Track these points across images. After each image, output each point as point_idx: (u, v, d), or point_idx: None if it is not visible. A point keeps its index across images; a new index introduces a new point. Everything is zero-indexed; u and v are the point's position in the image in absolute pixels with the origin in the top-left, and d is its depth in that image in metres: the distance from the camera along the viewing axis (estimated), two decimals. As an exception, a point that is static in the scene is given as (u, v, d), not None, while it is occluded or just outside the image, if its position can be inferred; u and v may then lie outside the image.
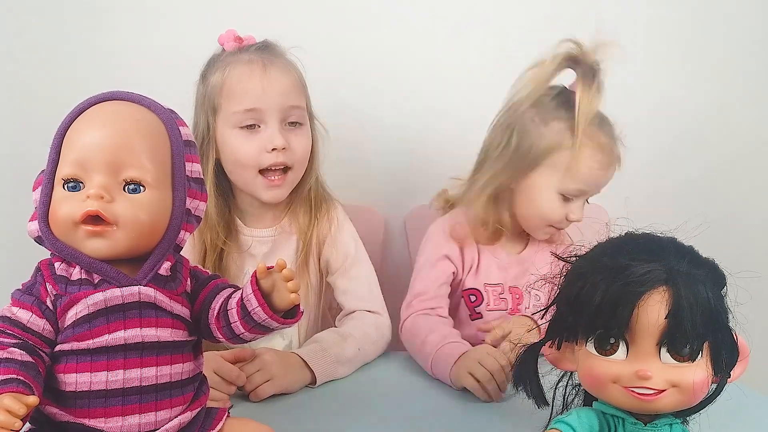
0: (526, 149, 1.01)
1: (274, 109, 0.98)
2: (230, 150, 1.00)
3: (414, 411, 0.87)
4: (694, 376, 0.57)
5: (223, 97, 0.99)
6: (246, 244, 1.06)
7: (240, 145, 0.99)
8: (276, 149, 0.98)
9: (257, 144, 0.98)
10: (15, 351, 0.57)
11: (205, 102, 1.01)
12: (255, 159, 0.98)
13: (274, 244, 1.06)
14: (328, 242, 1.08)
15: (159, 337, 0.62)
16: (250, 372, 0.88)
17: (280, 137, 0.98)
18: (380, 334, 1.04)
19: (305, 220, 1.07)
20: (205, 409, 0.68)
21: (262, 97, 0.97)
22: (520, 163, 1.02)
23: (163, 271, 0.64)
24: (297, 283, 0.64)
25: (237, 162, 1.00)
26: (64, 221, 0.61)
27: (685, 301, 0.56)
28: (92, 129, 0.63)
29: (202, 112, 1.02)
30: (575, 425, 0.60)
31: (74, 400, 0.60)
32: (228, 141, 0.99)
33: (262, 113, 0.98)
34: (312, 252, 1.07)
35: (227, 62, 1.00)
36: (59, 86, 1.24)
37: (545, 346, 0.66)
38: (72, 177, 0.62)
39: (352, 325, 1.03)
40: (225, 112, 0.99)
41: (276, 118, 0.99)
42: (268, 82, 0.98)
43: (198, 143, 0.98)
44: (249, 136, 0.99)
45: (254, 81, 0.98)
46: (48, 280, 0.61)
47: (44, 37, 1.26)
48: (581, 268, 0.62)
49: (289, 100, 1.00)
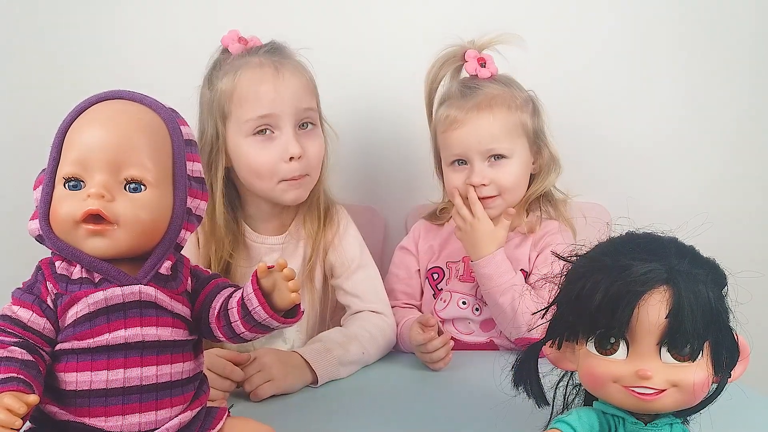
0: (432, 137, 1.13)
1: (288, 114, 0.96)
2: (245, 160, 0.96)
3: (414, 411, 0.87)
4: (695, 375, 0.57)
5: (234, 104, 0.95)
6: (255, 251, 1.04)
7: (256, 155, 0.96)
8: (293, 158, 0.96)
9: (273, 153, 0.96)
10: (15, 350, 0.57)
11: (213, 108, 0.97)
12: (272, 169, 0.96)
13: (283, 252, 1.05)
14: (334, 246, 1.07)
15: (159, 336, 0.62)
16: (250, 373, 0.88)
17: (296, 144, 0.96)
18: (384, 337, 1.03)
19: (313, 226, 1.05)
20: (205, 409, 0.68)
21: (275, 101, 0.95)
22: (436, 153, 1.13)
23: (164, 270, 0.64)
24: (297, 283, 0.64)
25: (253, 172, 0.97)
26: (64, 220, 0.61)
27: (685, 300, 0.56)
28: (93, 128, 0.63)
29: (210, 119, 0.98)
30: (575, 425, 0.60)
31: (74, 399, 0.60)
32: (242, 150, 0.96)
33: (276, 118, 0.96)
34: (319, 257, 1.06)
35: (236, 66, 0.97)
36: (60, 85, 1.24)
37: (546, 345, 0.65)
38: (73, 176, 0.62)
39: (359, 326, 1.02)
40: (237, 119, 0.95)
41: (290, 123, 0.96)
42: (280, 86, 0.95)
43: (206, 151, 0.97)
44: (264, 144, 0.96)
45: (266, 85, 0.95)
46: (49, 278, 0.61)
47: (45, 36, 1.27)
48: (582, 268, 0.61)
49: (302, 102, 0.98)
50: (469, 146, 1.04)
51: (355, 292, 1.06)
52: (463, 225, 1.04)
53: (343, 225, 1.08)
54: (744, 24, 1.39)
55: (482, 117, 1.03)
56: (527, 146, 1.06)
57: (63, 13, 1.26)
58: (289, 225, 1.07)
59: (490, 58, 1.09)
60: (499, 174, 1.04)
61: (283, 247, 1.05)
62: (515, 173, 1.04)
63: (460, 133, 1.04)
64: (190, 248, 0.98)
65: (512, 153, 1.04)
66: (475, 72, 1.07)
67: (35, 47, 1.27)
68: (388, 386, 0.96)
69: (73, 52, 1.27)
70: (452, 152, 1.06)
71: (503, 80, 1.08)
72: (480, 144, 1.03)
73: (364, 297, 1.06)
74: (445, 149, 1.08)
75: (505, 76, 1.09)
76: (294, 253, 1.06)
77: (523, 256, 1.08)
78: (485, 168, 1.04)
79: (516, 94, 1.06)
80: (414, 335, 0.98)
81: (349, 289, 1.06)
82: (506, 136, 1.03)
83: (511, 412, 0.85)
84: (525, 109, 1.06)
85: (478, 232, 1.03)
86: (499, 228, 1.04)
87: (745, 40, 1.40)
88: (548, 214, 1.12)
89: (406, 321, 1.07)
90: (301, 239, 1.06)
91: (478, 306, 1.09)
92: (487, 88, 1.05)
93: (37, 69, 1.27)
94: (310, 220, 1.05)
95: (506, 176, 1.04)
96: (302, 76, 0.99)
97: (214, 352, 0.87)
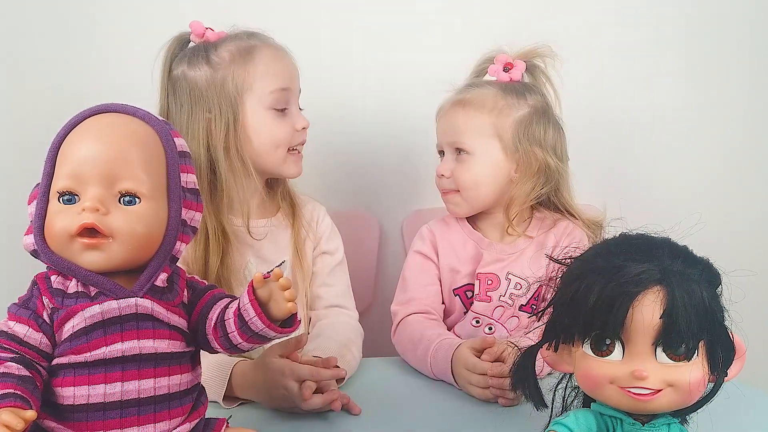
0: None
1: (295, 91, 1.04)
2: (268, 130, 1.00)
3: (412, 415, 0.87)
4: (690, 375, 0.58)
5: (259, 77, 0.99)
6: (244, 235, 1.03)
7: (279, 125, 1.01)
8: (304, 128, 1.04)
9: (289, 124, 1.02)
10: (12, 365, 0.57)
11: (226, 86, 0.98)
12: (288, 138, 1.02)
13: (270, 233, 1.06)
14: (324, 239, 1.10)
15: (156, 348, 0.62)
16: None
17: (304, 118, 1.04)
18: (359, 333, 1.06)
19: (290, 211, 1.09)
20: (204, 420, 0.68)
21: (289, 76, 1.03)
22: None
23: (160, 283, 0.64)
24: (293, 292, 0.64)
25: (274, 142, 1.01)
26: (59, 234, 0.61)
27: (679, 300, 0.56)
28: (86, 141, 0.63)
29: (223, 98, 0.98)
30: (573, 427, 0.60)
31: (72, 414, 0.60)
32: (265, 121, 1.00)
33: (290, 93, 1.02)
34: (306, 243, 1.08)
35: (244, 46, 1.00)
36: (55, 98, 1.24)
37: (542, 348, 0.66)
38: (67, 190, 0.62)
39: (341, 334, 1.01)
40: (260, 92, 0.99)
41: (296, 100, 1.04)
42: (292, 65, 1.04)
43: (221, 134, 0.98)
44: (281, 117, 1.01)
45: (285, 61, 1.02)
46: (44, 293, 0.61)
47: (40, 51, 1.27)
48: (576, 270, 0.62)
49: (299, 84, 1.05)
50: (442, 137, 1.10)
51: (332, 284, 1.09)
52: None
53: (329, 221, 1.12)
54: (740, 26, 1.40)
55: (457, 112, 1.07)
56: (499, 149, 1.05)
57: (58, 29, 1.26)
58: (276, 212, 1.08)
59: (521, 65, 1.10)
60: (459, 169, 1.06)
61: (270, 230, 1.06)
62: (476, 172, 1.05)
63: (440, 124, 1.10)
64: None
65: (475, 151, 1.05)
66: (495, 74, 1.10)
67: (31, 61, 1.27)
68: (387, 390, 0.96)
69: (68, 67, 1.27)
70: (437, 141, 1.12)
71: (508, 86, 1.08)
72: (446, 135, 1.08)
73: (336, 292, 1.09)
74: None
75: (518, 84, 1.09)
76: (282, 235, 1.07)
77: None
78: (451, 160, 1.07)
79: (506, 100, 1.06)
80: (479, 364, 0.90)
81: (329, 281, 1.09)
82: (471, 133, 1.05)
83: (511, 414, 0.85)
84: (507, 113, 1.05)
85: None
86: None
87: (742, 42, 1.41)
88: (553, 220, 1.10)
89: (441, 342, 0.98)
90: (287, 227, 1.08)
91: (491, 326, 1.07)
92: (480, 88, 1.08)
93: (32, 82, 1.27)
94: (287, 206, 1.09)
95: (465, 173, 1.05)
96: (295, 60, 1.05)
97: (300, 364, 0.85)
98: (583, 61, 1.35)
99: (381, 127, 1.35)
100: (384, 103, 1.34)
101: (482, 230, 1.11)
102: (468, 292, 1.09)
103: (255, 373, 0.86)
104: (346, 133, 1.34)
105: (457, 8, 1.35)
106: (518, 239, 1.08)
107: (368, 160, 1.36)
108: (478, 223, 1.12)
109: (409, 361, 1.03)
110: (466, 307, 1.09)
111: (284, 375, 0.83)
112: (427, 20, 1.34)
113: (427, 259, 1.11)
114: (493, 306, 1.07)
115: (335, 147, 1.31)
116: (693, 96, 1.42)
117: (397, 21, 1.33)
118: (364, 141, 1.36)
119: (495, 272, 1.07)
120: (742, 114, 1.44)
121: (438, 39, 1.34)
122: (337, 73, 1.27)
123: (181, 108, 1.00)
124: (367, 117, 1.35)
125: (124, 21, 1.28)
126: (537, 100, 1.08)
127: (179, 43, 1.04)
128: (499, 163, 1.06)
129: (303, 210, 1.10)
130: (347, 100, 1.30)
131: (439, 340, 0.98)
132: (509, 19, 1.35)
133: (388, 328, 1.10)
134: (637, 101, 1.40)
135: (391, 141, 1.36)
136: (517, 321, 1.07)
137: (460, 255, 1.10)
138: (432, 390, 0.95)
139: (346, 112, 1.32)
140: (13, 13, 1.26)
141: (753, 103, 1.44)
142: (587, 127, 1.35)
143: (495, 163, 1.06)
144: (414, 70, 1.33)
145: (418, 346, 1.00)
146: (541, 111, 1.08)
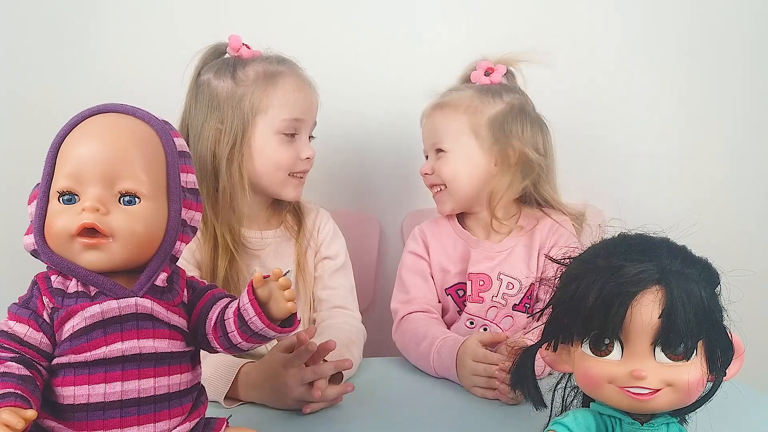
0: None
1: (309, 122, 1.08)
2: (272, 152, 1.03)
3: (413, 414, 0.87)
4: (689, 375, 0.58)
5: (275, 103, 1.03)
6: (251, 246, 1.07)
7: (284, 150, 1.04)
8: (309, 158, 1.07)
9: (294, 150, 1.05)
10: (12, 365, 0.57)
11: (243, 102, 1.02)
12: (291, 164, 1.05)
13: (276, 245, 1.08)
14: (324, 244, 1.11)
15: (156, 348, 0.62)
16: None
17: (311, 148, 1.08)
18: (361, 334, 1.07)
19: (295, 222, 1.12)
20: (204, 420, 0.68)
21: (308, 109, 1.06)
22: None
23: (160, 282, 0.64)
24: (293, 292, 0.64)
25: (276, 164, 1.04)
26: (59, 234, 0.61)
27: (678, 300, 0.56)
28: (86, 141, 0.63)
29: (236, 112, 1.02)
30: (572, 426, 0.60)
31: (72, 413, 0.60)
32: (271, 142, 1.03)
33: (302, 123, 1.06)
34: (308, 253, 1.10)
35: (272, 70, 1.04)
36: (55, 99, 1.24)
37: (542, 348, 0.66)
38: (67, 190, 0.62)
39: (344, 334, 1.02)
40: (273, 116, 1.03)
41: (307, 131, 1.08)
42: (312, 98, 1.07)
43: (227, 147, 1.01)
44: (288, 142, 1.05)
45: (304, 93, 1.06)
46: (44, 293, 0.61)
47: (39, 51, 1.27)
48: (575, 270, 0.62)
49: (315, 116, 1.09)
50: (425, 141, 1.15)
51: (335, 287, 1.10)
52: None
53: (331, 226, 1.14)
54: (740, 27, 1.41)
55: (436, 115, 1.12)
56: (475, 145, 1.08)
57: (57, 29, 1.27)
58: (279, 225, 1.11)
59: (501, 69, 1.13)
60: (438, 164, 1.10)
61: (276, 242, 1.09)
62: (454, 168, 1.09)
63: (423, 129, 1.16)
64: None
65: (453, 149, 1.09)
66: (477, 80, 1.13)
67: (30, 62, 1.27)
68: (388, 390, 0.96)
69: (68, 66, 1.27)
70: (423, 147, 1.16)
71: (485, 87, 1.11)
72: (428, 138, 1.14)
73: (340, 294, 1.10)
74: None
75: (496, 85, 1.11)
76: (286, 247, 1.09)
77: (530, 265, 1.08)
78: (433, 160, 1.12)
79: (482, 99, 1.08)
80: (489, 355, 0.91)
81: (332, 283, 1.10)
82: (449, 133, 1.09)
83: (511, 414, 0.85)
84: (482, 111, 1.08)
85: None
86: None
87: (742, 43, 1.41)
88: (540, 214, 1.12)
89: (446, 339, 0.99)
90: (291, 238, 1.10)
91: (486, 327, 1.08)
92: (458, 91, 1.12)
93: (32, 83, 1.27)
94: (291, 217, 1.12)
95: (444, 167, 1.10)
96: (317, 94, 1.09)
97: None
98: (584, 61, 1.35)
99: (381, 128, 1.36)
100: (384, 103, 1.35)
101: (470, 229, 1.14)
102: (459, 291, 1.11)
103: (261, 374, 0.88)
104: (346, 134, 1.34)
105: (459, 13, 1.35)
106: (505, 238, 1.10)
107: (368, 160, 1.37)
108: (467, 222, 1.15)
109: (410, 357, 1.04)
110: (459, 307, 1.10)
111: (289, 386, 0.85)
112: (429, 24, 1.35)
113: (420, 258, 1.13)
114: (487, 307, 1.08)
115: (335, 147, 1.31)
116: (693, 96, 1.43)
117: (399, 24, 1.34)
118: (365, 141, 1.36)
119: (486, 272, 1.08)
120: (741, 114, 1.44)
121: (438, 43, 1.35)
122: (339, 75, 1.28)
123: (199, 111, 1.04)
124: (368, 117, 1.35)
125: (124, 21, 1.28)
126: (514, 98, 1.11)
127: (214, 52, 1.08)
128: (475, 158, 1.08)
129: (306, 220, 1.12)
130: (348, 101, 1.30)
131: (444, 337, 1.00)
132: (510, 25, 1.36)
133: (388, 327, 1.10)
134: (638, 101, 1.41)
135: (392, 141, 1.36)
136: (512, 321, 1.07)
137: (450, 254, 1.12)
138: (432, 390, 0.95)
139: (346, 112, 1.32)
140: (14, 14, 1.26)
141: (753, 103, 1.44)
142: (587, 127, 1.36)
143: (471, 158, 1.08)
144: (414, 72, 1.33)
145: (421, 342, 1.01)
146: (518, 108, 1.10)
